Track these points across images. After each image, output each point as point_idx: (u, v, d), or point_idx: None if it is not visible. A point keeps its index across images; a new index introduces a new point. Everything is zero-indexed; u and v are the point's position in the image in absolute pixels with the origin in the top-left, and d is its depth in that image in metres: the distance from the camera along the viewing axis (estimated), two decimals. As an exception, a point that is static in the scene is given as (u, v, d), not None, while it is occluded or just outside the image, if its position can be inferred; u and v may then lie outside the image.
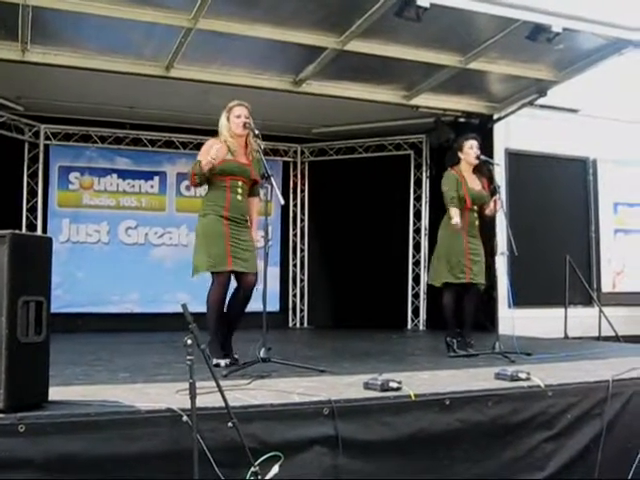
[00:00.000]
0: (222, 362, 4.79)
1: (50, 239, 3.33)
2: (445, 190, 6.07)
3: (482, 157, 6.09)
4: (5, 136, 8.91)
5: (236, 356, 4.92)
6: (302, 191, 10.85)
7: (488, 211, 6.11)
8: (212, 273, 4.92)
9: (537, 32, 6.42)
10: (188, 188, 10.06)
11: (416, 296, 10.15)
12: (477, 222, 6.11)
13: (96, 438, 3.00)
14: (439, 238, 6.20)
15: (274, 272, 9.88)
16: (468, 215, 6.05)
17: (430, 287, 9.74)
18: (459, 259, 5.97)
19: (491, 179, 6.15)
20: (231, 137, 5.00)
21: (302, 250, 10.84)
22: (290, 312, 10.71)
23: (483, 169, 6.19)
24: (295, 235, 10.82)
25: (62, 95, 8.56)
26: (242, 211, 5.01)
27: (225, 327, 5.01)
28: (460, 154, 6.16)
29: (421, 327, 10.01)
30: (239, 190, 4.99)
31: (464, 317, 6.08)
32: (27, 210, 9.23)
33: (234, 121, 4.98)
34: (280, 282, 10.41)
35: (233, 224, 4.94)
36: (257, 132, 4.96)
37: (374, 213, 9.88)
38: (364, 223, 9.91)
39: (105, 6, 6.11)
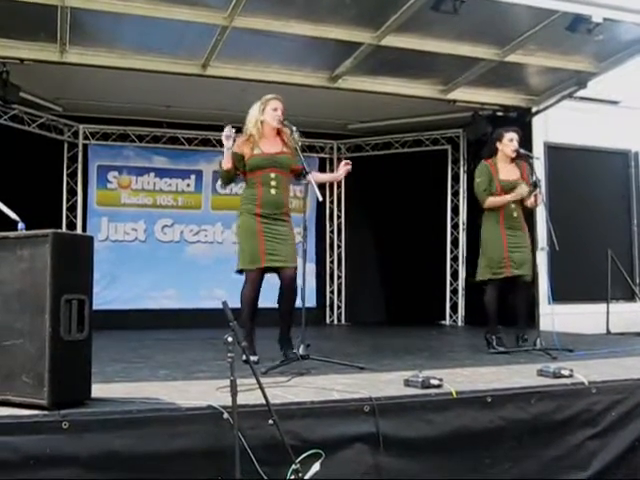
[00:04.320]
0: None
1: (91, 238, 3.37)
2: (477, 181, 6.03)
3: (521, 151, 6.01)
4: (45, 136, 9.04)
5: (295, 352, 4.67)
6: (339, 187, 10.82)
7: (528, 203, 6.01)
8: (244, 270, 4.90)
9: (577, 23, 6.32)
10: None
11: (454, 292, 10.08)
12: (516, 213, 5.97)
13: (138, 435, 3.02)
14: (481, 235, 6.12)
15: (311, 268, 9.87)
16: (505, 209, 5.96)
17: (468, 283, 9.80)
18: (498, 254, 5.90)
19: (531, 173, 6.05)
20: (258, 129, 4.96)
21: (339, 246, 10.83)
22: (327, 308, 10.71)
23: (522, 160, 6.09)
24: (332, 231, 10.82)
25: (100, 95, 8.66)
26: (277, 205, 4.92)
27: (254, 323, 4.99)
28: (498, 144, 6.07)
29: (460, 323, 9.94)
30: (272, 183, 4.90)
31: (516, 312, 6.02)
32: (67, 209, 9.37)
33: (270, 113, 4.94)
34: (317, 278, 10.39)
35: (266, 219, 4.88)
36: (294, 128, 4.93)
37: (411, 209, 9.80)
38: (401, 219, 9.86)
39: (141, 6, 6.15)
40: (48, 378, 2.95)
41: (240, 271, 4.97)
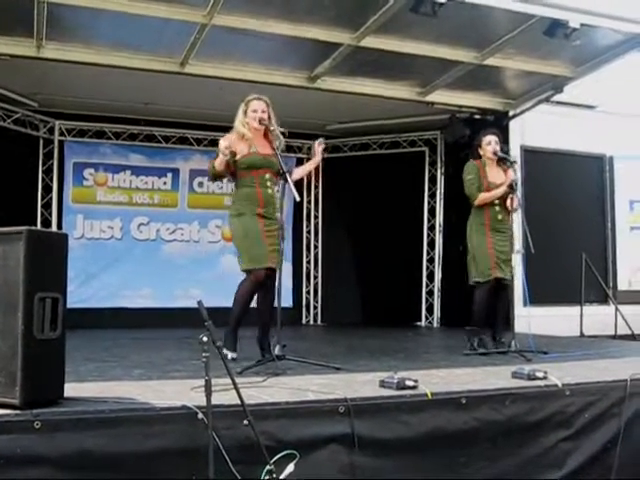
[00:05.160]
0: (230, 354, 4.82)
1: (66, 235, 3.33)
2: (468, 178, 6.03)
3: (499, 154, 6.04)
4: (20, 132, 8.93)
5: (276, 352, 4.63)
6: (316, 187, 10.84)
7: (508, 206, 6.04)
8: (250, 270, 4.87)
9: (554, 28, 6.36)
10: (201, 185, 10.08)
11: (430, 293, 10.11)
12: (501, 216, 5.99)
13: (111, 435, 2.99)
14: (467, 237, 6.13)
15: (287, 268, 9.82)
16: (490, 211, 5.99)
17: (444, 284, 9.84)
18: (484, 257, 5.93)
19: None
20: (247, 130, 4.98)
21: (316, 247, 10.82)
22: (304, 309, 10.70)
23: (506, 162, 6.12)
24: (309, 232, 10.81)
25: (76, 91, 8.56)
26: (274, 206, 4.97)
27: (240, 323, 5.01)
28: (480, 150, 6.13)
29: (435, 324, 9.97)
30: (268, 183, 4.97)
31: (495, 314, 6.06)
32: (42, 206, 9.25)
33: (250, 115, 4.99)
34: (293, 278, 10.37)
35: (267, 220, 4.93)
36: (272, 128, 4.94)
37: (388, 210, 9.82)
38: (378, 220, 9.87)
39: (120, 2, 6.10)
40: (20, 377, 2.92)
41: (246, 271, 4.93)
